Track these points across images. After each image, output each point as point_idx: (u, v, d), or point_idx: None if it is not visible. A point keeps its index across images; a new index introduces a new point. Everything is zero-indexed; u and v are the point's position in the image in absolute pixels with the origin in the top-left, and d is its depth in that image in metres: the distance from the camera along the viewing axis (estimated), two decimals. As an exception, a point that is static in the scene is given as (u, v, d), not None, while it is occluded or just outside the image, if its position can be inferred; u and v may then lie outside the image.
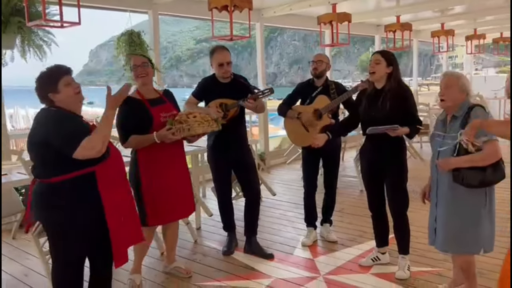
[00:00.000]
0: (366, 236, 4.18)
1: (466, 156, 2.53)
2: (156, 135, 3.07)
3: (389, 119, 3.16)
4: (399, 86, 3.24)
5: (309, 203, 4.18)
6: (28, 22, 3.87)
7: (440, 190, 2.78)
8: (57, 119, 2.38)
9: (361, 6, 7.47)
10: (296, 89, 4.12)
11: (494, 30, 10.47)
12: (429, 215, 2.91)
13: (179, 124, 3.08)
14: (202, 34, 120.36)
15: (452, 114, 2.73)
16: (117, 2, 5.62)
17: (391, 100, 3.19)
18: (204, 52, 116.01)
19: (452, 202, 2.71)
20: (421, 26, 9.60)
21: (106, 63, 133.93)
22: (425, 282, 3.25)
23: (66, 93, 2.40)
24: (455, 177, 2.59)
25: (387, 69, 3.21)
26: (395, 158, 3.30)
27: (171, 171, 3.24)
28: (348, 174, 6.85)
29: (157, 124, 3.12)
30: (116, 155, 2.58)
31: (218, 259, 3.86)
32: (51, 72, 2.43)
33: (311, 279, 3.40)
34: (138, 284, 3.32)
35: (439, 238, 2.80)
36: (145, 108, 3.15)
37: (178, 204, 3.31)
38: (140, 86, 3.22)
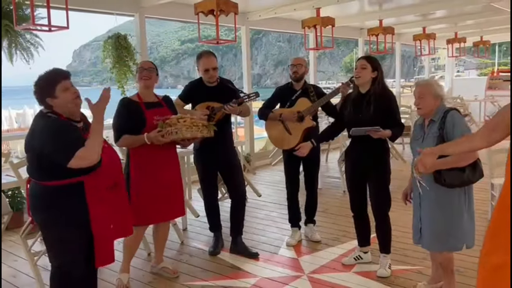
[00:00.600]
0: (349, 235, 4.29)
1: (446, 158, 2.60)
2: (146, 136, 3.17)
3: (372, 122, 3.26)
4: (383, 90, 3.35)
5: (293, 204, 4.28)
6: (16, 25, 3.88)
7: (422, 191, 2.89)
8: (53, 131, 2.38)
9: (344, 10, 7.61)
10: (275, 93, 4.20)
11: (474, 34, 10.74)
12: (413, 215, 3.03)
13: (168, 127, 3.16)
14: (187, 35, 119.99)
15: (430, 118, 2.86)
16: (104, 5, 5.65)
17: (375, 103, 3.30)
18: (188, 53, 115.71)
19: (435, 203, 2.82)
20: (403, 29, 9.80)
21: (90, 63, 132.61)
22: (405, 280, 3.37)
23: (64, 99, 2.41)
24: (436, 179, 2.71)
25: (372, 74, 3.31)
26: (378, 159, 3.41)
27: (163, 173, 3.32)
28: (332, 175, 6.97)
29: (150, 126, 3.21)
30: (111, 160, 2.61)
31: (204, 259, 3.93)
32: (49, 77, 2.42)
33: (295, 278, 3.50)
34: (126, 284, 3.38)
35: (425, 238, 2.92)
36: (140, 110, 3.25)
37: (168, 206, 3.39)
38: (141, 88, 3.33)
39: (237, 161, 4.01)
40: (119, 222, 2.67)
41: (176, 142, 3.30)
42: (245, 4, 6.63)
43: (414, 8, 7.77)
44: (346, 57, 77.23)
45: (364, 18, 8.53)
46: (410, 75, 55.98)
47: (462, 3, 7.16)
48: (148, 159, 3.25)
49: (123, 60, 5.67)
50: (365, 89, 3.37)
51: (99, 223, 2.49)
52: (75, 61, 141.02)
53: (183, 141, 3.30)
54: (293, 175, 4.23)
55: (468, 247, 2.88)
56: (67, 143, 2.34)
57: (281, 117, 3.98)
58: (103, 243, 2.53)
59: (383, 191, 3.42)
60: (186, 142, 3.36)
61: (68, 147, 2.32)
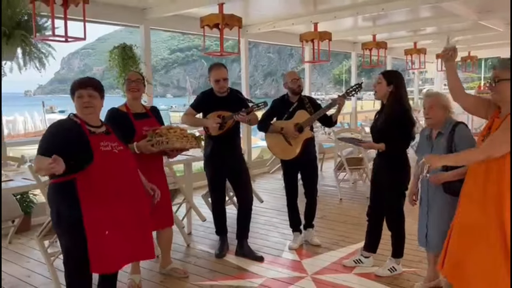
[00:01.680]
0: (348, 240, 4.51)
1: (456, 171, 2.85)
2: (136, 146, 3.30)
3: (379, 132, 3.51)
4: (395, 103, 3.47)
5: (293, 210, 4.49)
6: (35, 36, 4.06)
7: (431, 200, 3.13)
8: (53, 128, 2.65)
9: (339, 25, 7.90)
10: (273, 105, 4.41)
11: (462, 49, 11.12)
12: (420, 222, 3.26)
13: (158, 137, 3.30)
14: (177, 44, 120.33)
15: (438, 131, 3.09)
16: (110, 17, 5.85)
17: (385, 116, 3.50)
18: (178, 62, 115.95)
19: (443, 210, 3.03)
20: (395, 44, 10.14)
21: (78, 71, 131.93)
22: (403, 281, 3.58)
23: (76, 104, 2.70)
24: (446, 189, 2.95)
25: (388, 88, 3.50)
26: (386, 171, 3.56)
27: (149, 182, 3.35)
28: (327, 183, 7.20)
29: (139, 136, 3.35)
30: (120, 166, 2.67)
31: (211, 261, 4.11)
32: (74, 82, 2.75)
33: (299, 278, 3.70)
34: (138, 283, 3.53)
35: (432, 242, 3.15)
36: (129, 120, 3.40)
37: (155, 216, 3.28)
38: (129, 100, 3.50)
39: (245, 168, 4.21)
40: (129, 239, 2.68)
41: (165, 152, 3.43)
42: (245, 17, 6.86)
43: (406, 24, 8.11)
44: (335, 69, 78.10)
45: (357, 33, 8.86)
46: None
47: (451, 21, 7.49)
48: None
49: (129, 69, 5.86)
50: (384, 101, 3.57)
51: (92, 225, 2.54)
52: (63, 68, 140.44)
53: (171, 151, 3.44)
54: (292, 184, 4.44)
55: None
56: (46, 142, 2.56)
57: (283, 131, 4.20)
58: (96, 248, 2.55)
59: (391, 200, 3.57)
60: (174, 153, 3.49)
61: (44, 146, 2.54)
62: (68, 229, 2.59)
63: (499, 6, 6.75)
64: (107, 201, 2.59)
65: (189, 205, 4.73)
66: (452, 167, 2.89)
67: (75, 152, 2.54)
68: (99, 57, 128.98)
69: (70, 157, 2.49)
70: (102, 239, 2.56)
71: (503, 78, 2.38)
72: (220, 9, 5.07)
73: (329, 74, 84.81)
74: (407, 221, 3.65)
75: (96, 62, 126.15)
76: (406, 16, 7.47)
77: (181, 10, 5.87)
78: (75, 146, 2.56)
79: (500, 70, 2.42)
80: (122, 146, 2.78)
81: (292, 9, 6.61)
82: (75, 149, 2.55)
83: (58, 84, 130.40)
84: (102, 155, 2.60)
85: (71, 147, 2.54)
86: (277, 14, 6.92)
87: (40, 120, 27.50)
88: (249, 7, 6.41)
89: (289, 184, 4.44)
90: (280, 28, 7.44)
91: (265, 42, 8.90)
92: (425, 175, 2.71)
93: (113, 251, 2.60)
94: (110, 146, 2.69)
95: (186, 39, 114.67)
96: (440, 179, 2.95)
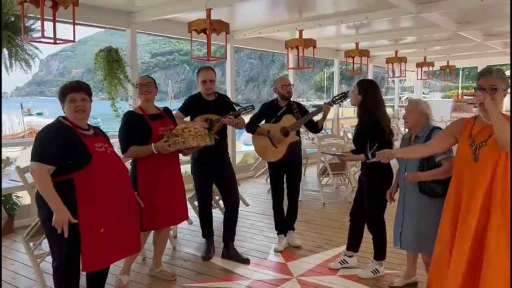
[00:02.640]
0: (331, 243, 4.59)
1: (431, 171, 3.07)
2: (154, 147, 3.39)
3: (355, 143, 3.66)
4: (364, 114, 3.61)
5: (278, 212, 4.57)
6: (24, 37, 4.06)
7: (407, 199, 3.28)
8: (47, 133, 2.67)
9: (323, 32, 8.03)
10: (262, 108, 4.55)
11: (442, 59, 11.43)
12: (396, 220, 3.39)
13: (175, 137, 3.39)
14: (158, 48, 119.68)
15: (416, 134, 3.23)
16: (97, 20, 5.85)
17: (358, 126, 3.69)
18: (159, 66, 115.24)
19: (418, 209, 3.20)
20: (377, 52, 10.34)
21: (57, 73, 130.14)
22: (385, 283, 3.68)
23: (68, 108, 2.74)
24: (421, 188, 3.12)
25: (358, 97, 3.65)
26: (371, 176, 3.67)
27: (167, 180, 3.54)
28: (310, 188, 7.30)
29: (156, 136, 3.44)
30: (111, 167, 2.77)
31: (198, 263, 4.15)
32: (66, 85, 2.78)
33: (285, 280, 3.76)
34: (125, 284, 3.56)
35: (405, 241, 3.29)
36: (146, 122, 3.47)
37: (173, 211, 3.60)
38: (143, 102, 3.57)
39: (232, 172, 4.27)
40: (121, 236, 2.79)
41: (180, 150, 3.52)
42: (231, 22, 6.93)
43: (388, 34, 8.31)
44: (316, 76, 78.76)
45: (341, 41, 9.02)
46: (378, 95, 57.48)
47: (431, 31, 7.70)
48: (154, 167, 3.46)
49: (114, 72, 5.87)
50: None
51: (86, 222, 2.62)
52: (41, 70, 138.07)
53: (186, 150, 3.53)
54: (278, 186, 4.53)
55: None
56: (42, 145, 2.60)
57: (269, 134, 4.30)
58: (89, 245, 2.64)
59: (373, 206, 3.68)
60: (189, 151, 3.60)
61: (40, 149, 2.58)
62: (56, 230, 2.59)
63: (477, 17, 6.99)
64: (103, 199, 2.69)
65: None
66: (428, 167, 3.04)
67: (74, 154, 2.61)
68: (78, 60, 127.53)
69: (68, 159, 2.57)
70: (95, 237, 2.64)
71: (501, 88, 2.54)
72: (208, 15, 5.13)
73: (310, 81, 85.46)
74: (389, 224, 3.75)
75: (75, 65, 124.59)
76: (388, 25, 7.66)
77: (168, 15, 5.91)
78: (73, 149, 2.62)
79: (498, 79, 2.54)
80: (112, 148, 2.87)
81: (278, 16, 6.71)
82: (74, 151, 2.61)
83: (36, 86, 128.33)
84: (99, 156, 2.70)
85: (69, 149, 2.60)
86: (263, 21, 7.01)
87: (18, 122, 27.01)
88: (235, 13, 6.48)
89: (275, 186, 4.52)
90: (265, 35, 7.54)
91: (251, 48, 8.98)
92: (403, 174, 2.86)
93: (104, 249, 2.70)
94: (103, 147, 2.79)
95: (167, 43, 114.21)
96: (416, 177, 3.11)
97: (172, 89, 56.24)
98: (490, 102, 2.45)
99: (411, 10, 5.77)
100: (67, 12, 4.14)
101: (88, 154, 2.64)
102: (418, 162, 3.15)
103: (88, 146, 2.66)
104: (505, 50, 10.21)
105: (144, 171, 3.44)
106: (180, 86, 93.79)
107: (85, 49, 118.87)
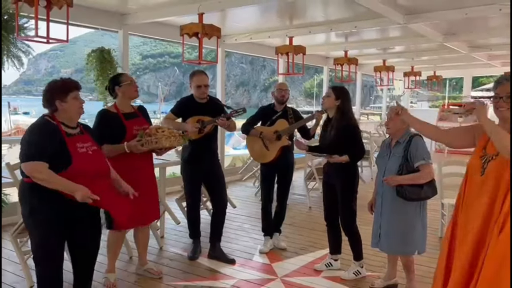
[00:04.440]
0: (316, 246, 4.69)
1: (409, 175, 3.20)
2: (127, 145, 3.42)
3: (332, 145, 3.73)
4: (343, 119, 3.74)
5: (266, 214, 4.66)
6: (18, 35, 4.11)
7: (384, 202, 3.39)
8: (37, 131, 2.66)
9: (313, 39, 8.18)
10: (259, 112, 4.68)
11: (429, 69, 11.66)
12: (374, 222, 3.50)
13: (148, 137, 3.43)
14: (149, 50, 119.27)
15: (397, 140, 3.35)
16: (90, 20, 5.90)
17: (335, 130, 3.75)
18: (149, 68, 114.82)
19: (394, 213, 3.32)
20: (365, 60, 10.53)
21: (46, 72, 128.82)
22: (366, 284, 3.77)
23: (72, 105, 2.73)
24: (398, 192, 3.23)
25: (335, 102, 3.77)
26: (343, 178, 3.80)
27: (139, 180, 3.47)
28: (297, 192, 7.39)
29: (130, 135, 3.47)
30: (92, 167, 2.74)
31: (184, 263, 4.21)
32: (65, 83, 2.75)
33: (270, 280, 3.85)
34: (113, 282, 3.61)
35: (384, 242, 3.40)
36: (119, 121, 3.51)
37: (143, 211, 3.56)
38: (125, 100, 3.60)
39: (221, 173, 4.34)
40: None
41: (153, 150, 3.56)
42: (222, 27, 7.03)
43: (376, 43, 8.48)
44: (306, 82, 79.20)
45: (330, 48, 9.19)
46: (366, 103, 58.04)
47: (418, 41, 7.88)
48: (126, 166, 3.40)
49: (106, 73, 5.92)
50: (331, 114, 3.83)
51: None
52: (29, 69, 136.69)
53: (159, 150, 3.57)
54: (269, 188, 4.64)
55: (420, 253, 3.42)
56: (34, 146, 2.58)
57: (261, 135, 4.40)
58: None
59: (347, 207, 3.80)
60: (162, 151, 3.62)
61: (33, 151, 2.57)
62: (41, 223, 2.65)
63: (462, 29, 7.19)
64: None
65: (163, 208, 4.81)
66: (407, 172, 3.17)
67: (55, 154, 2.60)
68: (67, 59, 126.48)
69: (52, 159, 2.58)
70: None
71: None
72: (200, 19, 5.22)
73: (300, 87, 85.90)
74: (366, 229, 3.86)
75: (65, 64, 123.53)
76: (377, 34, 7.83)
77: (161, 18, 5.99)
78: (56, 149, 2.61)
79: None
80: (96, 146, 2.86)
81: (269, 22, 6.83)
82: (56, 152, 2.60)
83: (23, 85, 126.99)
84: (79, 157, 2.68)
85: (54, 150, 2.60)
86: (254, 27, 7.12)
87: (5, 121, 26.77)
88: (227, 18, 6.59)
89: (266, 188, 4.62)
90: (256, 40, 7.65)
91: (241, 52, 9.09)
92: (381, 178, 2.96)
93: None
94: (85, 148, 2.76)
95: (158, 45, 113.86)
96: (394, 180, 3.23)
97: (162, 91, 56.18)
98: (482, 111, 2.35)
99: (398, 21, 5.93)
100: (59, 12, 4.21)
101: (69, 156, 2.63)
102: (397, 166, 3.27)
103: (69, 147, 2.65)
104: (489, 62, 10.47)
105: (116, 169, 3.43)
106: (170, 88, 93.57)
107: (75, 49, 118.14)
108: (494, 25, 6.83)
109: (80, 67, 15.24)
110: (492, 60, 10.40)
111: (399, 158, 3.29)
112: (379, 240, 3.45)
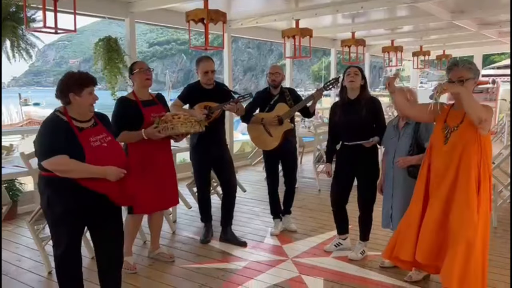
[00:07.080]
0: (325, 228, 4.75)
1: (420, 155, 3.21)
2: (144, 132, 3.50)
3: (364, 124, 3.69)
4: (370, 96, 3.81)
5: (274, 198, 4.71)
6: (26, 27, 4.16)
7: (396, 184, 3.43)
8: (49, 127, 2.65)
9: (320, 22, 8.13)
10: (255, 98, 4.56)
11: (438, 48, 11.52)
12: (384, 204, 3.54)
13: (164, 123, 3.49)
14: (156, 37, 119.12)
15: (405, 121, 3.37)
16: (96, 10, 5.92)
17: (366, 107, 3.70)
18: (156, 55, 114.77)
19: (406, 193, 3.33)
20: (373, 41, 10.43)
21: (54, 63, 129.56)
22: (376, 263, 3.82)
23: (86, 100, 2.69)
24: (410, 173, 3.28)
25: (361, 81, 3.76)
26: (369, 160, 3.79)
27: (158, 166, 3.65)
28: (306, 175, 7.45)
29: (148, 122, 3.54)
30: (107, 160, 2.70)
31: (197, 246, 4.30)
32: (82, 76, 2.70)
33: (281, 261, 3.92)
34: (133, 265, 3.72)
35: (396, 222, 3.41)
36: (138, 108, 3.58)
37: (163, 196, 3.72)
38: (140, 87, 3.65)
39: (230, 157, 4.39)
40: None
41: (171, 137, 3.63)
42: (228, 12, 7.02)
43: (384, 23, 8.39)
44: (314, 65, 78.62)
45: (337, 30, 9.11)
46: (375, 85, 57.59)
47: (426, 20, 7.79)
48: (145, 153, 3.56)
49: (114, 61, 5.96)
50: (354, 95, 3.76)
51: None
52: (38, 60, 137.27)
53: (177, 136, 3.63)
54: (273, 173, 4.67)
55: None
56: (50, 144, 2.59)
57: (263, 121, 4.41)
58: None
59: (372, 187, 3.80)
60: (180, 137, 3.69)
61: (48, 148, 2.58)
62: (59, 214, 2.68)
63: (471, 7, 7.08)
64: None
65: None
66: (418, 151, 3.21)
67: (68, 150, 2.59)
68: (75, 49, 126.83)
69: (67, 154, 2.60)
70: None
71: (468, 78, 2.83)
72: (205, 4, 5.22)
73: (308, 70, 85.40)
74: (375, 208, 3.90)
75: (72, 55, 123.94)
76: (384, 14, 7.75)
77: (166, 4, 6.00)
78: (68, 145, 2.61)
79: (465, 71, 2.84)
80: (110, 137, 2.84)
81: (275, 6, 6.80)
82: (69, 148, 2.60)
83: (33, 76, 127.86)
84: (93, 151, 2.66)
85: (66, 145, 2.60)
86: (259, 10, 7.09)
87: (16, 112, 27.05)
88: (232, 2, 6.58)
89: (271, 173, 4.65)
90: (262, 24, 7.62)
91: (248, 37, 9.05)
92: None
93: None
94: (99, 140, 2.74)
95: (165, 32, 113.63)
96: (406, 161, 3.27)
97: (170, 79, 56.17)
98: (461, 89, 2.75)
99: (405, 0, 5.87)
100: (66, 2, 4.25)
101: (81, 152, 2.62)
102: (407, 147, 3.30)
103: (81, 142, 2.64)
104: (500, 39, 10.31)
105: (135, 156, 3.51)
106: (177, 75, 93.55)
107: (82, 38, 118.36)
108: (503, 1, 6.73)
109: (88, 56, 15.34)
110: (502, 37, 10.22)
111: (409, 139, 3.33)
112: (390, 221, 3.48)
